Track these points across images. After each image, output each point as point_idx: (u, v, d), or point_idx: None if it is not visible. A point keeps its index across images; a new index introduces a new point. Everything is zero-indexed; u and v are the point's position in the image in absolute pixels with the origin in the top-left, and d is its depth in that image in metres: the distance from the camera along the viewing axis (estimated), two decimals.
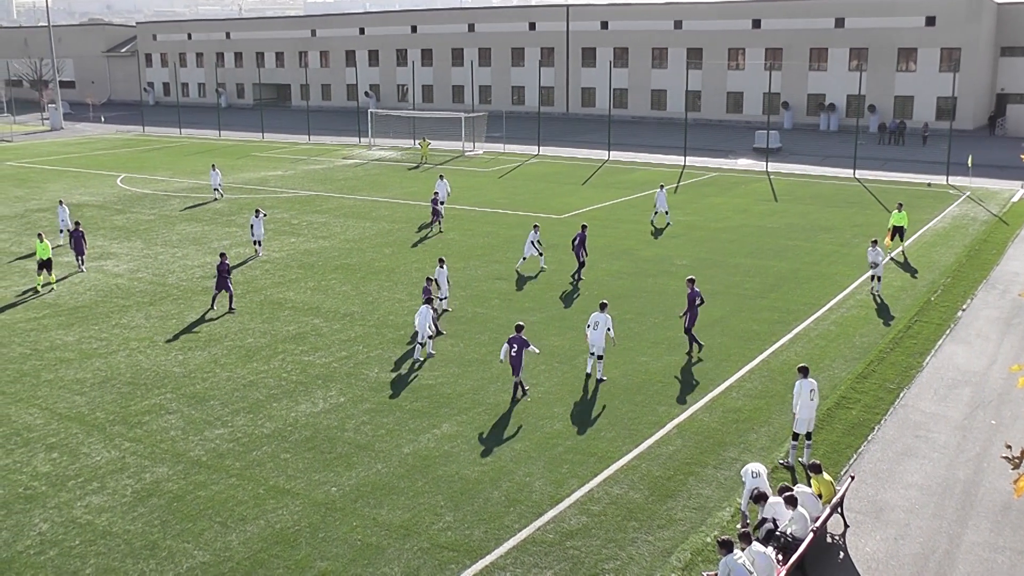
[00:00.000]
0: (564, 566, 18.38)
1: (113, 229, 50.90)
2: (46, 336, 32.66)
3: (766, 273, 39.78)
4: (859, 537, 19.48)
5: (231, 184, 66.20)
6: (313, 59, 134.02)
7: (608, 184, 64.59)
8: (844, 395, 26.59)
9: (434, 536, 19.48)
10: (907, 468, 22.48)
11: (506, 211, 54.23)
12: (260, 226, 43.97)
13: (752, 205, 56.05)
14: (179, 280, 39.78)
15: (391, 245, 46.01)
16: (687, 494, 21.17)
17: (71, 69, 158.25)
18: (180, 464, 22.84)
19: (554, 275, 39.82)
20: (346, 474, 22.22)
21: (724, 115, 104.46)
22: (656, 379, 28.10)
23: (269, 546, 19.15)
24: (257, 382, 28.13)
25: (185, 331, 33.08)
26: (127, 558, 18.76)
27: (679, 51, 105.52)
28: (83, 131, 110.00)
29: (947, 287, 37.89)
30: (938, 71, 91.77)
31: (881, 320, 33.63)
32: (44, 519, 20.29)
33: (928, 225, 49.71)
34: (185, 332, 32.97)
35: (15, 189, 65.31)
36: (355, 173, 71.74)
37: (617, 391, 27.12)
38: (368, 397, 26.89)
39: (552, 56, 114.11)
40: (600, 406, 26.05)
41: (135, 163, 79.38)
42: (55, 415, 25.80)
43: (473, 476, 22.08)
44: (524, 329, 26.88)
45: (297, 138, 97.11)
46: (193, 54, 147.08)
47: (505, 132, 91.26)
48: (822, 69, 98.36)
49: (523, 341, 26.35)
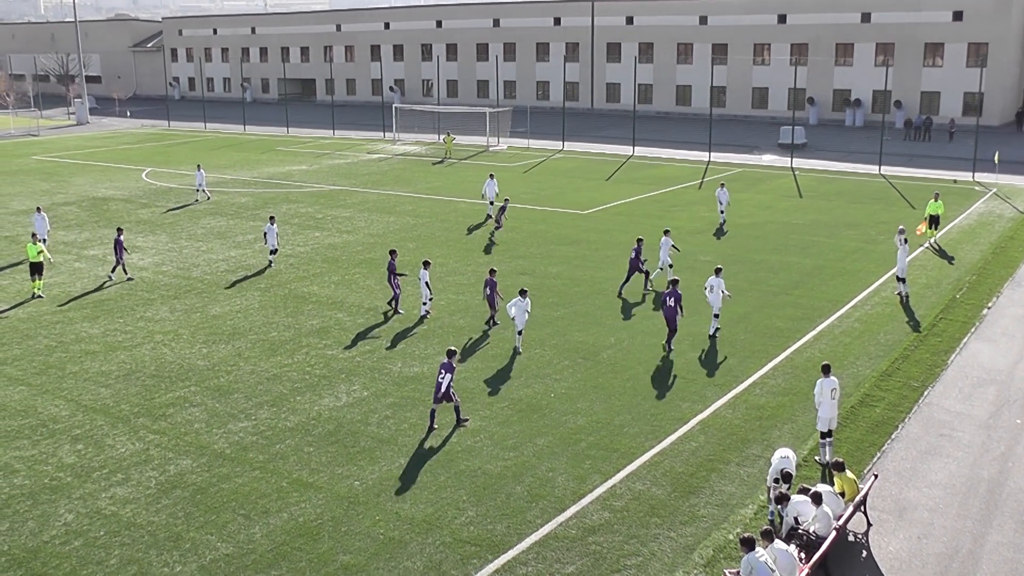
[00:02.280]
0: (586, 562, 18.39)
1: (138, 223, 51.17)
2: (71, 329, 32.89)
3: (790, 269, 39.63)
4: (882, 536, 19.39)
5: (256, 179, 66.47)
6: (338, 54, 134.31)
7: (632, 180, 64.47)
8: (868, 393, 26.46)
9: (456, 530, 19.52)
10: (931, 467, 22.36)
11: (531, 206, 54.20)
12: (273, 235, 40.95)
13: (777, 201, 55.84)
14: (203, 274, 39.97)
15: (415, 240, 46.08)
16: (710, 491, 21.13)
17: (97, 64, 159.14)
18: (204, 456, 22.96)
19: (577, 271, 39.79)
20: (369, 468, 22.28)
21: (749, 111, 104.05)
22: (680, 375, 28.05)
23: (292, 539, 19.24)
24: (281, 376, 28.24)
25: (209, 324, 33.25)
26: (151, 549, 18.89)
27: (704, 46, 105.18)
28: (109, 125, 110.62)
29: (972, 284, 37.64)
30: (965, 66, 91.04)
31: (906, 318, 33.44)
32: (69, 510, 20.45)
33: (954, 222, 49.38)
34: (209, 325, 33.14)
35: (42, 183, 65.75)
36: (379, 168, 71.87)
37: (640, 387, 27.09)
38: (391, 391, 26.95)
39: (577, 51, 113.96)
40: (623, 402, 26.03)
41: (160, 157, 79.78)
42: (80, 407, 25.98)
43: (496, 471, 22.11)
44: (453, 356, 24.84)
45: (322, 133, 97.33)
46: (218, 49, 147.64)
47: (529, 127, 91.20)
48: (848, 64, 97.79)
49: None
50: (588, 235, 46.36)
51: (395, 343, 31.04)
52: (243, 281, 38.83)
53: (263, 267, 40.83)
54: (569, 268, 40.32)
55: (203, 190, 58.79)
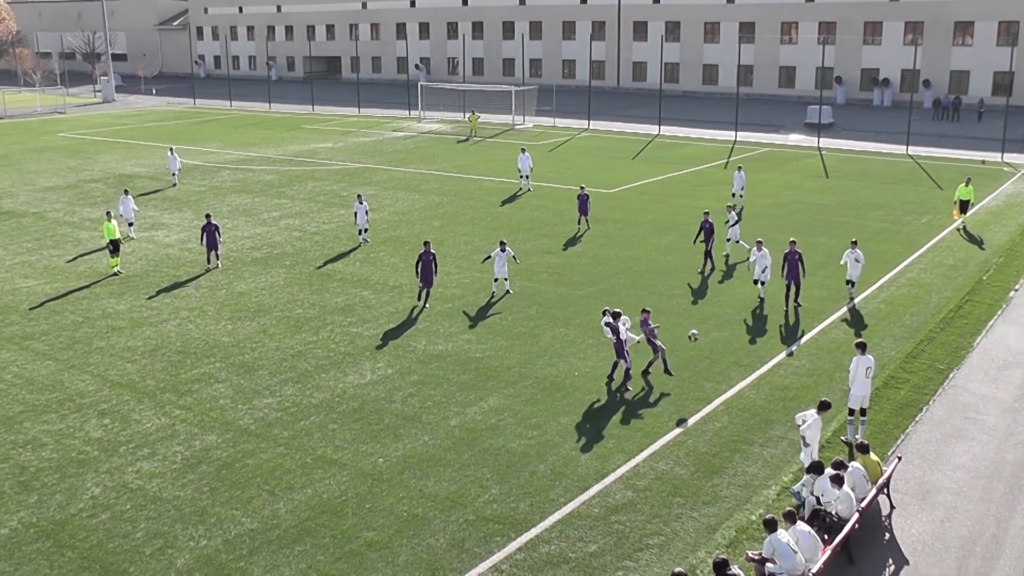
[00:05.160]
0: (609, 540, 18.43)
1: (164, 200, 51.42)
2: (98, 304, 33.12)
3: (815, 250, 39.43)
4: (905, 519, 19.34)
5: (281, 157, 66.62)
6: (364, 32, 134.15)
7: (658, 159, 64.25)
8: (893, 375, 26.35)
9: (480, 508, 19.60)
10: (955, 450, 22.26)
11: (556, 185, 54.11)
12: (363, 213, 40.72)
13: (802, 181, 55.53)
14: (229, 251, 40.12)
15: (440, 218, 46.11)
16: (733, 471, 21.13)
17: (123, 42, 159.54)
18: (229, 432, 23.12)
19: (602, 250, 39.73)
20: (393, 445, 22.39)
21: (776, 90, 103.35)
22: (703, 355, 27.99)
23: (316, 515, 19.36)
24: (305, 353, 28.37)
25: (234, 301, 33.41)
26: (176, 523, 19.06)
27: (731, 25, 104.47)
28: (135, 103, 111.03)
29: (1000, 266, 37.36)
30: (995, 45, 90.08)
31: (932, 299, 33.25)
32: (96, 483, 20.65)
33: (982, 203, 48.97)
34: (234, 302, 33.30)
35: (68, 160, 66.13)
36: (404, 146, 71.89)
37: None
38: (416, 369, 27.04)
39: (603, 30, 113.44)
40: (647, 382, 26.01)
41: (186, 135, 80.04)
42: (107, 382, 26.20)
43: (519, 449, 22.17)
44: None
45: (347, 110, 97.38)
46: (244, 27, 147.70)
47: (555, 106, 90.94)
48: (876, 43, 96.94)
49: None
50: (613, 214, 46.25)
51: (420, 321, 31.11)
52: (268, 258, 38.99)
53: (290, 244, 40.95)
54: (594, 247, 40.26)
55: (176, 174, 55.92)
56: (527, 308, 32.31)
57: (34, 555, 18.08)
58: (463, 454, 21.96)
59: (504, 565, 17.72)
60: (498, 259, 33.52)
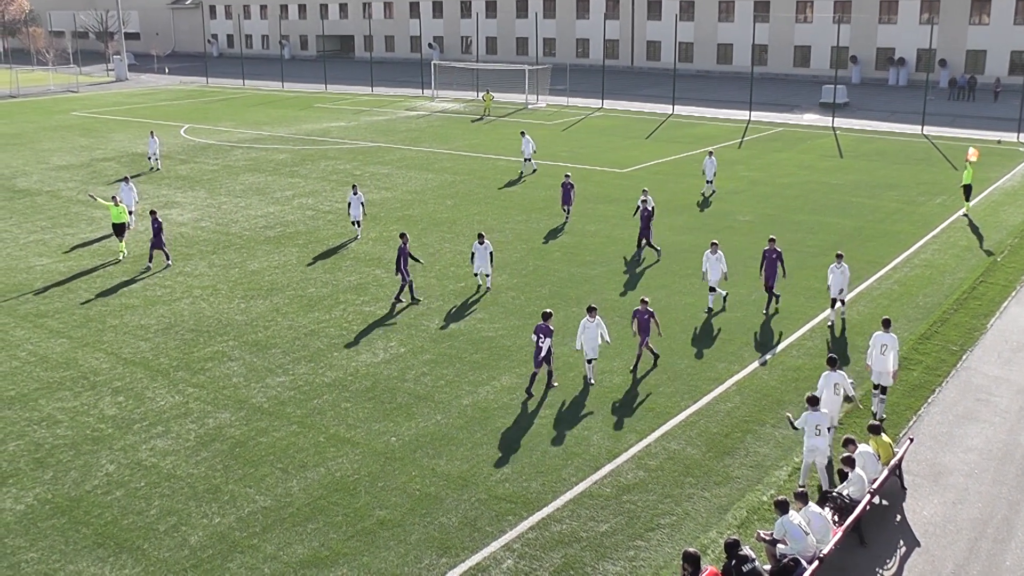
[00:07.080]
0: (620, 520, 18.47)
1: (177, 179, 51.49)
2: (111, 282, 33.23)
3: (829, 230, 39.31)
4: (917, 500, 19.33)
5: (294, 135, 66.61)
6: (377, 10, 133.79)
7: (672, 139, 64.02)
8: (906, 356, 26.23)
9: (492, 487, 19.66)
10: (968, 432, 22.22)
11: (570, 164, 53.99)
12: (357, 205, 38.55)
13: (817, 161, 55.30)
14: (242, 229, 40.20)
15: (453, 197, 46.08)
16: (744, 452, 21.13)
17: (136, 21, 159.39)
18: (242, 410, 23.22)
19: (616, 230, 39.66)
20: (405, 424, 22.45)
21: (791, 69, 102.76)
22: (717, 335, 27.97)
23: (329, 493, 19.45)
24: (318, 331, 28.44)
25: (247, 280, 33.48)
26: (190, 500, 19.17)
27: (746, 4, 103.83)
28: (147, 82, 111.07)
29: (1014, 248, 37.18)
30: (1013, 23, 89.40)
31: (945, 280, 33.12)
32: (111, 460, 20.78)
33: (997, 184, 48.72)
34: (247, 281, 33.37)
35: (81, 139, 66.25)
36: (417, 125, 71.78)
37: (677, 347, 27.03)
38: (428, 348, 27.08)
39: (617, 9, 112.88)
40: (659, 361, 25.99)
41: (199, 114, 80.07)
42: (120, 360, 26.31)
43: (531, 428, 22.21)
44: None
45: (360, 89, 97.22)
46: (257, 6, 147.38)
47: (569, 85, 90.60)
48: (892, 22, 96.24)
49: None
50: (627, 194, 46.14)
51: (432, 300, 31.14)
52: (281, 237, 39.04)
53: (303, 223, 41.00)
54: (607, 227, 40.20)
55: (155, 158, 54.15)
56: (539, 287, 32.30)
57: (49, 531, 18.21)
58: (475, 433, 22.01)
59: (516, 544, 17.78)
60: (478, 253, 31.42)
